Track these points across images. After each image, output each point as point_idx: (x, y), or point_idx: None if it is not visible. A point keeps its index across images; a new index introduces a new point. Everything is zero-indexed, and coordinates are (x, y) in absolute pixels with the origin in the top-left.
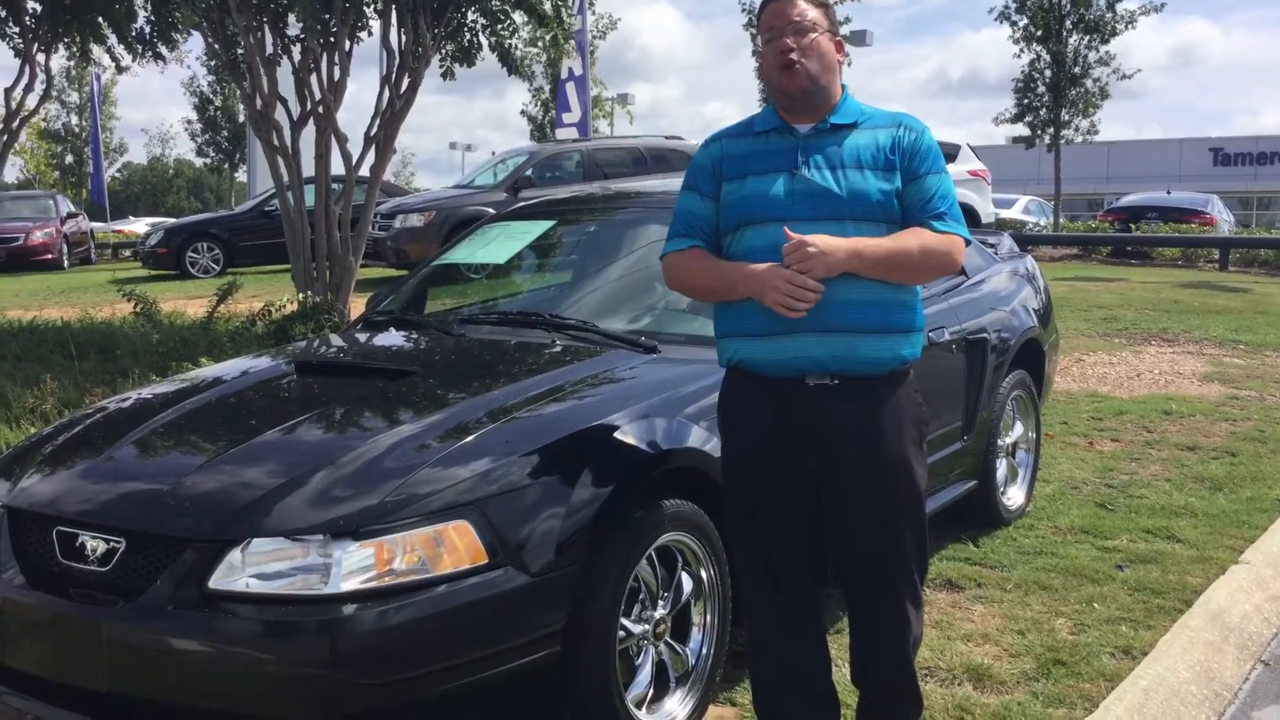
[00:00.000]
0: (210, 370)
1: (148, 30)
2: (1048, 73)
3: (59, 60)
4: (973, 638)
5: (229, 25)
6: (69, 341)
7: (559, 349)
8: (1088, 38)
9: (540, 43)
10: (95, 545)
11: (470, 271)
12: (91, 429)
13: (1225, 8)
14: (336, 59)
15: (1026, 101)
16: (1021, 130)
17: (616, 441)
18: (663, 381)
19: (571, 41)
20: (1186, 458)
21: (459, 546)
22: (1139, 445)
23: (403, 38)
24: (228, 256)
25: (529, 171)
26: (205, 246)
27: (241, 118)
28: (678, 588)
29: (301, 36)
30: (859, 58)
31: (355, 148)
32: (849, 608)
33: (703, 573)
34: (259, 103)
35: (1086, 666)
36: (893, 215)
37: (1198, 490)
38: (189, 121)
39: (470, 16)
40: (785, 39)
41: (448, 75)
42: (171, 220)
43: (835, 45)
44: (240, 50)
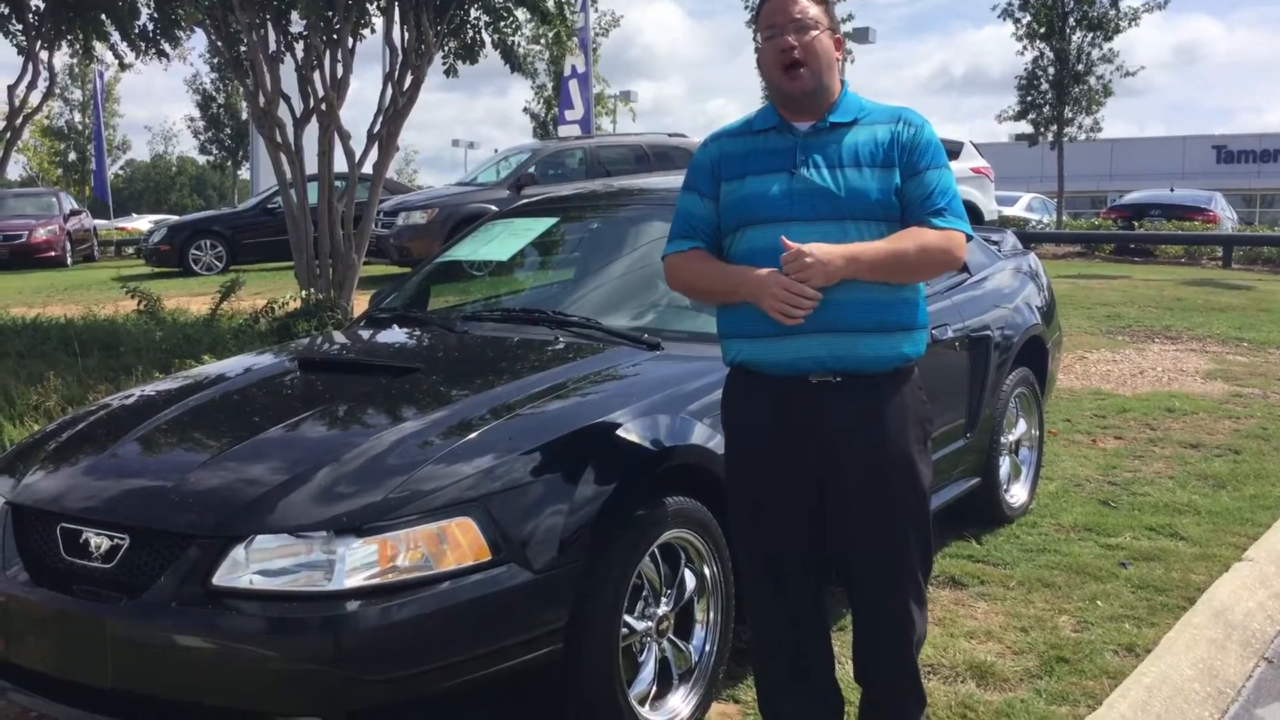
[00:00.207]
0: (213, 367)
1: (151, 27)
2: (1051, 70)
3: (62, 57)
4: (976, 635)
5: (232, 22)
6: (72, 339)
7: (562, 346)
8: (1091, 35)
9: (543, 40)
10: (99, 542)
11: (473, 269)
12: (95, 426)
13: (1229, 5)
14: (339, 56)
15: (1029, 99)
16: (1024, 127)
17: (619, 439)
18: (666, 378)
19: (574, 38)
20: (1190, 455)
21: (462, 543)
22: (1142, 443)
23: (406, 35)
24: (231, 254)
25: (532, 169)
26: (208, 244)
27: (244, 115)
28: (681, 585)
29: (304, 33)
30: (861, 55)
31: (358, 145)
32: (852, 606)
33: (706, 570)
34: (262, 100)
35: (1089, 664)
36: (892, 213)
37: (1201, 488)
38: (192, 119)
39: (473, 13)
40: (787, 37)
41: (450, 72)
42: (175, 218)
43: (835, 43)
44: (243, 47)
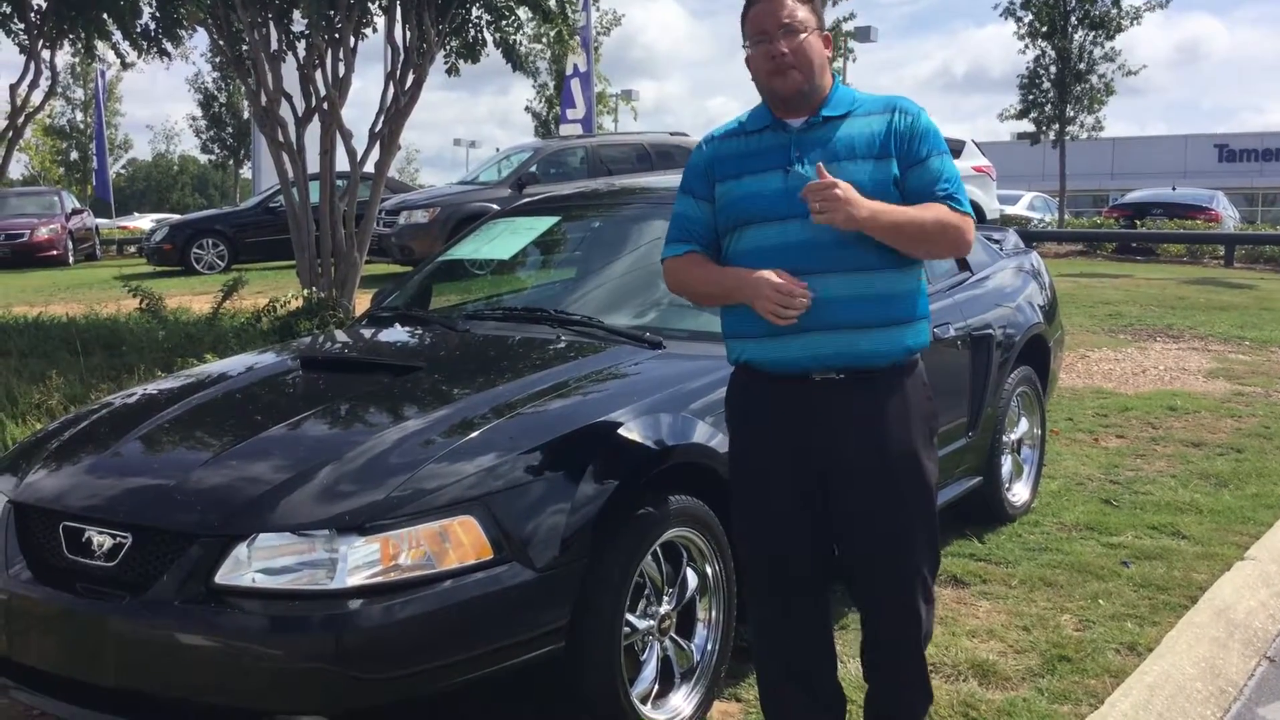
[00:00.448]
0: (215, 366)
1: (153, 26)
2: (1053, 69)
3: (64, 56)
4: (978, 634)
5: (234, 21)
6: (74, 337)
7: (564, 345)
8: (1093, 34)
9: (545, 39)
10: (102, 540)
11: (475, 267)
12: (97, 425)
13: (1231, 4)
14: (341, 55)
15: (1031, 98)
16: (1026, 126)
17: (621, 437)
18: (667, 377)
19: (576, 37)
20: (1192, 454)
21: (464, 542)
22: (1144, 441)
23: (407, 34)
24: (233, 253)
25: (533, 168)
26: (210, 243)
27: (246, 114)
28: (683, 583)
29: (306, 32)
30: (863, 54)
31: (360, 144)
32: (859, 604)
33: (708, 568)
34: (264, 99)
35: (1091, 663)
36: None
37: (1203, 486)
38: (194, 118)
39: (475, 12)
40: (777, 43)
41: (452, 71)
42: (176, 216)
43: (824, 40)
44: (245, 46)
